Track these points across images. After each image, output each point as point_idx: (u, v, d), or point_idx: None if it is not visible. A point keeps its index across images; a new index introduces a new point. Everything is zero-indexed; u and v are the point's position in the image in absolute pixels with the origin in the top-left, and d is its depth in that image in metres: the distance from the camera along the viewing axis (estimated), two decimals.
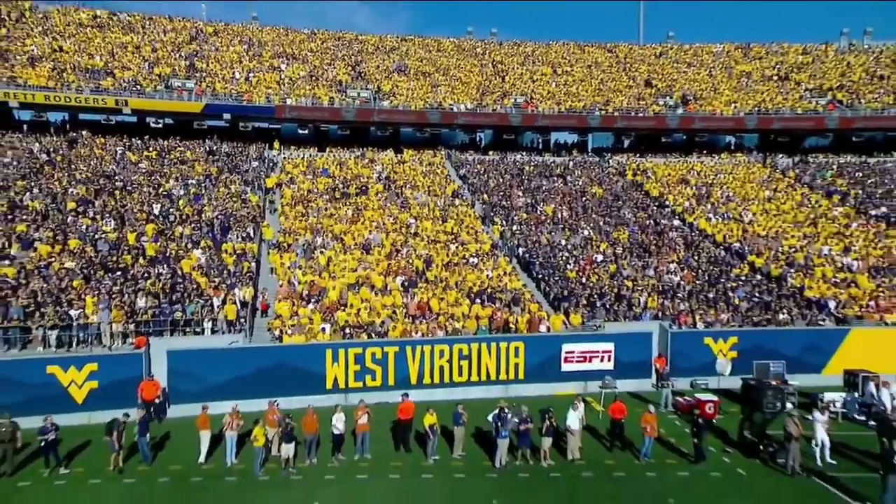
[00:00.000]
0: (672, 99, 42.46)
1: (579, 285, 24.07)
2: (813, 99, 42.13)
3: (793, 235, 29.16)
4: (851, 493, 13.02)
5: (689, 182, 36.38)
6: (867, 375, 18.01)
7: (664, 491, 13.33)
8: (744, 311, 22.97)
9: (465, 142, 42.06)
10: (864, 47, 50.62)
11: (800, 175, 37.70)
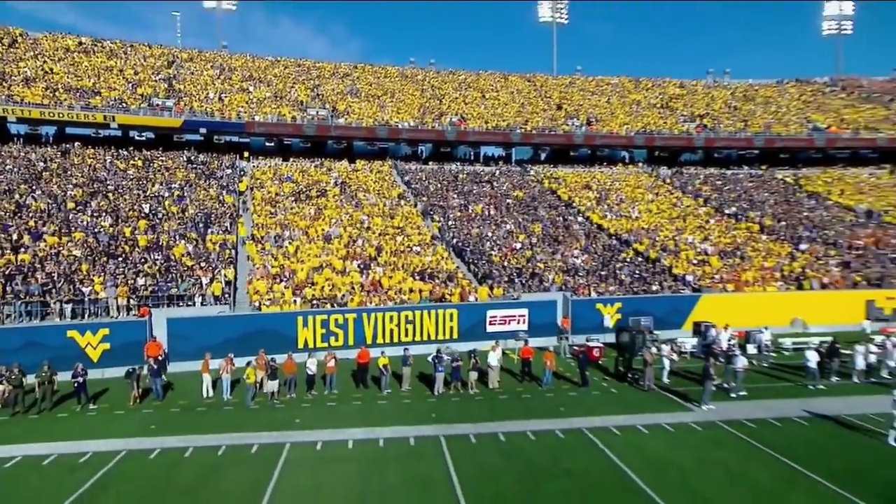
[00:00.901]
0: (578, 120, 45.84)
1: (501, 267, 26.74)
2: (686, 123, 46.50)
3: (667, 228, 32.83)
4: (683, 396, 16.17)
5: (591, 188, 39.71)
6: (709, 324, 21.43)
7: (558, 404, 16.04)
8: (627, 284, 26.20)
9: (408, 154, 43.96)
10: (724, 84, 56.01)
11: (675, 182, 41.76)
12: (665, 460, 12.24)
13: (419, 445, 13.14)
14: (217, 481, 11.34)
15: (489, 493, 10.79)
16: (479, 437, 13.62)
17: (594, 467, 11.92)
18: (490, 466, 11.96)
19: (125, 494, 10.78)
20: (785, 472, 11.66)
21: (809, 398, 16.48)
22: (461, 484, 11.10)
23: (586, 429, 14.07)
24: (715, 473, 11.63)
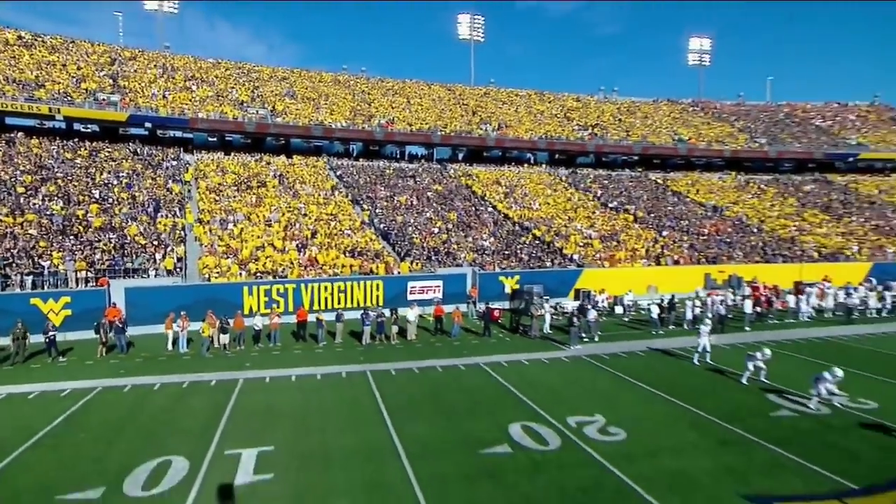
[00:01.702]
0: (491, 126, 48.85)
1: (421, 247, 29.03)
2: (581, 131, 50.70)
3: (561, 217, 36.34)
4: (559, 341, 19.18)
5: (500, 183, 42.73)
6: (587, 291, 24.78)
7: (463, 349, 18.51)
8: (525, 261, 29.24)
9: (340, 151, 45.22)
10: (612, 99, 61.07)
11: (570, 181, 45.69)
12: (538, 379, 15.01)
13: (349, 377, 15.20)
14: (184, 404, 12.90)
15: (403, 403, 13.06)
16: (397, 370, 15.86)
17: (484, 385, 14.48)
18: (405, 388, 14.23)
19: (107, 414, 12.15)
20: (621, 383, 14.73)
21: (651, 340, 19.96)
22: (383, 399, 13.30)
23: (483, 363, 16.65)
24: (572, 385, 14.50)
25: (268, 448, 10.42)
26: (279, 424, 11.63)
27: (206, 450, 10.33)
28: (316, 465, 9.72)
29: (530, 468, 9.68)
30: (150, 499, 8.60)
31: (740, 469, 9.68)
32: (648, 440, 10.90)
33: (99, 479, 9.12)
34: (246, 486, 9.03)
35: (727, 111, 61.35)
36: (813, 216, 42.21)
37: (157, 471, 9.47)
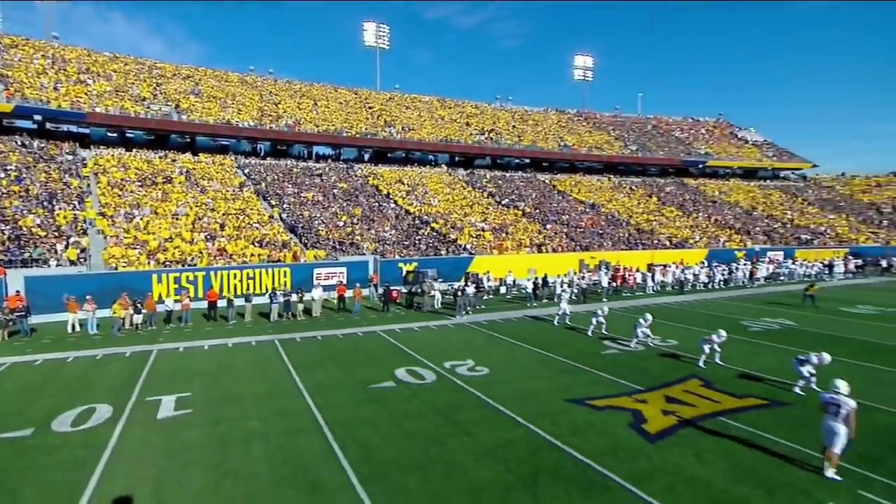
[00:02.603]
0: (395, 129, 51.04)
1: (327, 238, 30.58)
2: (478, 136, 54.32)
3: (457, 213, 39.30)
4: (448, 314, 21.75)
5: (403, 182, 45.02)
6: (475, 274, 27.69)
7: (362, 322, 20.49)
8: (423, 250, 31.71)
9: (248, 150, 45.32)
10: (507, 108, 65.65)
11: (468, 180, 49.01)
12: (424, 339, 17.43)
13: (259, 345, 16.72)
14: (101, 371, 13.82)
15: (307, 360, 14.88)
16: (302, 338, 17.59)
17: (379, 346, 16.64)
18: (309, 350, 16.04)
19: (22, 382, 12.83)
20: (494, 339, 17.51)
21: (526, 310, 23.14)
22: (289, 358, 15.03)
23: (380, 331, 18.79)
24: (452, 342, 17.02)
25: (185, 394, 11.88)
26: (195, 379, 13.04)
27: (127, 399, 11.58)
28: (230, 403, 11.37)
29: (409, 395, 12.00)
30: (79, 433, 9.84)
31: (569, 386, 12.63)
32: (506, 373, 13.64)
33: (26, 424, 10.16)
34: (169, 418, 10.52)
35: (606, 121, 68.13)
36: (669, 212, 48.72)
37: (82, 414, 10.66)
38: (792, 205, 58.07)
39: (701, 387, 12.52)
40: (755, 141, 71.23)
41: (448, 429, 10.01)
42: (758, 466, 8.52)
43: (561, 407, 11.20)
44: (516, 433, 9.84)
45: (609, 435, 9.72)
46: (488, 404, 11.36)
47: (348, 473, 8.26)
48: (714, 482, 8.01)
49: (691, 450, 9.11)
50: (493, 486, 7.88)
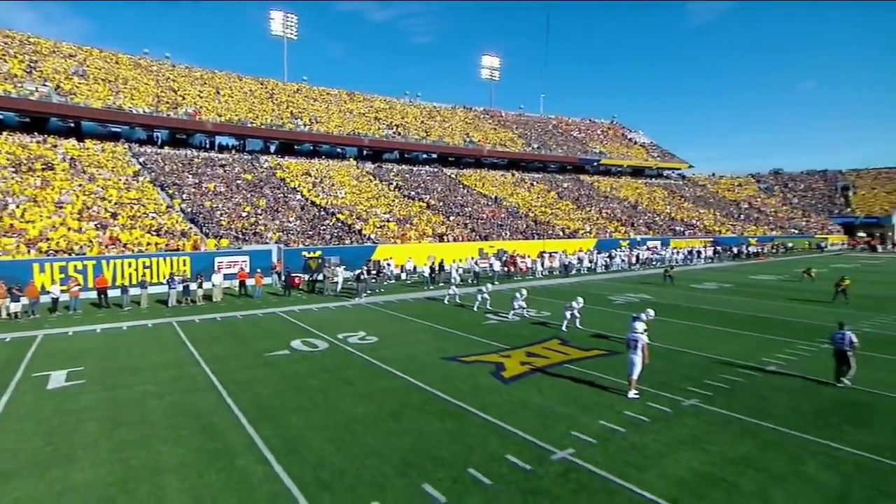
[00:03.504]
0: (302, 121, 50.94)
1: (229, 228, 30.55)
2: (386, 130, 55.53)
3: (363, 204, 40.41)
4: (348, 297, 22.99)
5: (310, 174, 45.30)
6: (377, 261, 29.07)
7: (263, 304, 21.24)
8: (328, 240, 32.58)
9: (143, 138, 43.29)
10: (416, 104, 67.40)
11: (376, 173, 50.14)
12: (322, 317, 18.62)
13: (155, 327, 17.06)
14: None
15: (205, 337, 15.58)
16: (202, 320, 18.11)
17: (277, 325, 17.60)
18: (208, 329, 16.68)
19: None
20: (388, 316, 19.08)
21: (424, 293, 24.92)
22: (187, 336, 15.63)
23: (280, 312, 19.68)
24: (348, 319, 18.32)
25: (78, 368, 12.31)
26: (87, 356, 13.39)
27: (11, 377, 11.81)
28: (125, 374, 12.00)
29: (300, 359, 13.25)
30: None
31: (447, 348, 14.46)
32: (393, 341, 15.24)
33: None
34: (60, 388, 11.01)
35: (510, 120, 71.99)
36: (565, 206, 52.95)
37: None
38: (671, 200, 64.98)
39: (559, 345, 14.89)
40: (643, 143, 78.53)
41: (333, 382, 11.43)
42: (582, 395, 10.76)
43: (436, 363, 13.00)
44: (393, 383, 11.47)
45: (471, 381, 11.62)
46: (372, 364, 12.90)
47: (239, 417, 9.45)
48: (546, 406, 10.11)
49: (535, 387, 11.22)
50: (366, 418, 9.44)
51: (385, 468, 7.62)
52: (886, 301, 22.67)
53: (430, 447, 8.28)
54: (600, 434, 8.77)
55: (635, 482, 7.20)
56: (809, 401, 10.43)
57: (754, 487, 7.12)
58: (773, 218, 67.07)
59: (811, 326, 17.27)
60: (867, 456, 8.04)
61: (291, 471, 7.48)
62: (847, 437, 8.75)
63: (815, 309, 20.84)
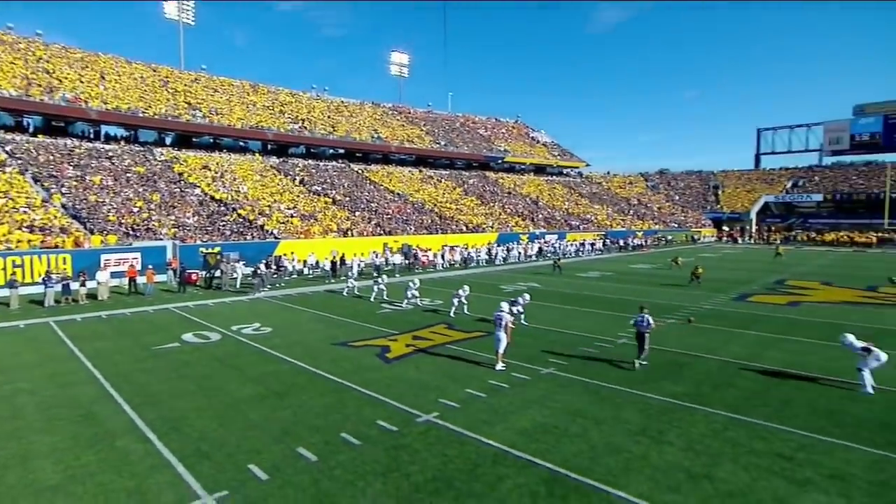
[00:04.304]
0: (201, 112, 48.77)
1: (118, 224, 29.00)
2: (292, 124, 54.60)
3: (267, 199, 39.73)
4: (245, 292, 22.96)
5: (210, 168, 43.61)
6: (278, 256, 29.00)
7: (155, 301, 20.71)
8: (228, 235, 31.88)
9: (10, 125, 39.38)
10: (323, 98, 66.66)
11: (281, 168, 49.25)
12: (218, 312, 18.61)
13: (28, 328, 16.24)
14: None
15: (88, 334, 15.17)
16: (84, 318, 17.46)
17: (168, 320, 17.41)
18: (90, 327, 16.18)
19: None
20: (283, 307, 19.42)
21: (324, 286, 25.38)
22: (66, 335, 15.11)
23: (173, 308, 19.37)
24: (242, 310, 18.49)
25: None
26: None
27: None
28: None
29: (192, 351, 13.46)
30: None
31: (338, 335, 15.23)
32: (287, 330, 15.76)
33: None
34: None
35: (419, 117, 73.22)
36: (470, 201, 55.11)
37: None
38: (570, 197, 69.56)
39: (445, 329, 16.19)
40: (545, 142, 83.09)
41: (222, 369, 11.88)
42: (456, 370, 12.05)
43: (326, 348, 13.78)
44: (281, 367, 12.12)
45: (357, 362, 12.55)
46: (264, 351, 13.43)
47: (121, 405, 9.70)
48: (421, 379, 11.27)
49: (414, 365, 12.37)
50: (251, 399, 10.08)
51: (264, 438, 8.36)
52: (729, 284, 26.44)
53: (308, 418, 9.13)
54: (464, 400, 10.05)
55: (484, 434, 8.52)
56: None
57: (579, 430, 8.69)
58: (658, 213, 73.96)
59: (665, 306, 19.98)
60: (670, 401, 9.98)
61: (172, 446, 8.01)
62: (663, 389, 10.71)
63: (673, 292, 23.92)
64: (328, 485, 6.90)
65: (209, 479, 7.00)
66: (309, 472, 7.23)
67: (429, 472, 7.25)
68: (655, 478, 7.13)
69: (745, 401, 10.07)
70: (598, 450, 7.95)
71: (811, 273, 31.87)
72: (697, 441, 8.29)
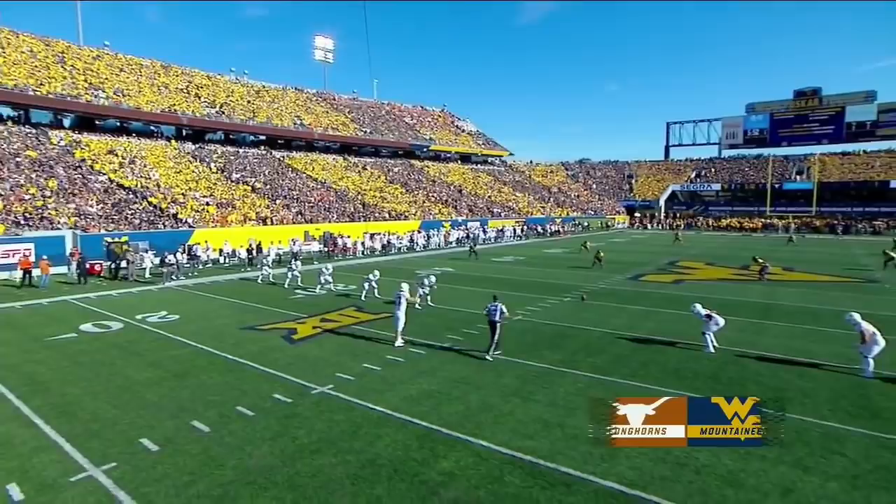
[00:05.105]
0: (105, 92, 45.70)
1: (7, 212, 27.03)
2: (209, 108, 52.39)
3: (181, 187, 38.21)
4: (153, 282, 22.39)
5: (116, 154, 41.14)
6: (192, 245, 28.24)
7: (51, 293, 19.77)
8: (137, 225, 30.54)
9: None
10: (243, 81, 64.32)
11: (197, 155, 47.30)
12: (121, 302, 18.16)
13: None
14: None
15: None
16: None
17: (65, 311, 16.82)
18: None
19: None
20: (194, 296, 19.23)
21: (240, 274, 25.12)
22: None
23: (71, 299, 18.64)
24: (150, 301, 18.13)
25: None
26: None
27: None
28: None
29: (90, 340, 13.26)
30: None
31: (247, 320, 15.44)
32: (195, 318, 15.76)
33: None
34: None
35: (344, 104, 72.34)
36: (395, 189, 55.54)
37: None
38: (493, 185, 71.61)
39: (354, 311, 16.80)
40: (470, 130, 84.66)
41: (121, 356, 11.89)
42: (358, 347, 12.74)
43: (233, 333, 14.03)
44: (184, 351, 12.30)
45: (262, 344, 12.94)
46: (168, 338, 13.48)
47: (6, 395, 9.60)
48: (323, 357, 11.87)
49: (318, 345, 12.95)
50: (148, 381, 10.28)
51: (160, 415, 8.70)
52: (628, 265, 28.81)
53: (206, 395, 9.53)
54: (360, 373, 10.80)
55: (372, 401, 9.31)
56: (531, 336, 13.74)
57: (459, 394, 9.68)
58: (577, 201, 77.79)
59: (564, 286, 21.64)
60: (546, 367, 11.22)
61: (61, 429, 8.17)
62: (543, 357, 11.96)
63: (577, 273, 25.81)
64: (218, 450, 7.43)
65: (97, 454, 7.31)
66: (200, 441, 7.71)
67: (315, 434, 7.94)
68: (516, 429, 8.21)
69: (611, 364, 11.49)
70: (472, 409, 8.96)
71: (700, 255, 35.21)
72: (561, 398, 9.50)
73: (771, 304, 18.31)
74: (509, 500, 6.26)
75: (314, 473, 6.80)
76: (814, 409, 9.00)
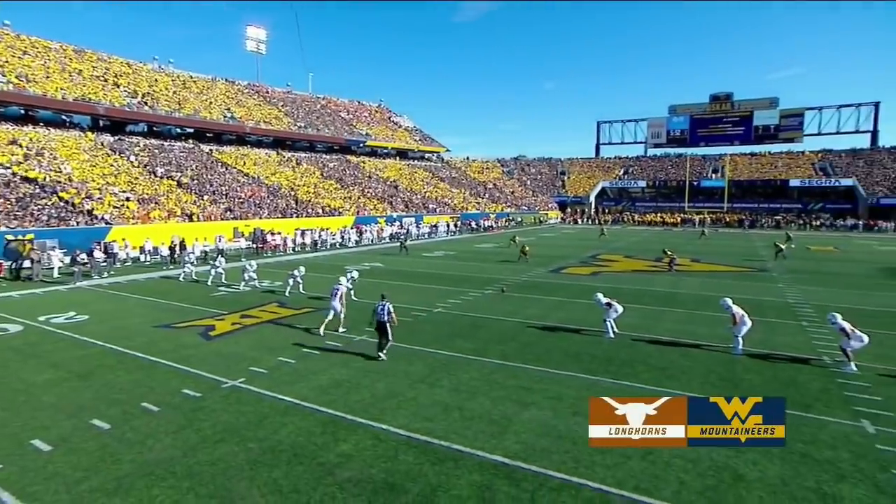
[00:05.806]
0: (5, 77, 42.32)
1: None
2: (129, 98, 49.67)
3: (97, 181, 36.13)
4: (62, 282, 21.29)
5: (20, 145, 38.29)
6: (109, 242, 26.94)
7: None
8: (45, 221, 28.71)
9: None
10: (167, 71, 61.34)
11: (117, 147, 44.79)
12: (23, 304, 17.21)
13: None
14: None
15: None
16: None
17: None
18: None
19: None
20: (108, 296, 18.50)
21: (161, 272, 24.29)
22: None
23: None
24: (59, 302, 17.31)
25: None
26: None
27: None
28: None
29: None
30: None
31: (163, 319, 15.10)
32: (106, 317, 15.23)
33: None
34: None
35: (277, 97, 70.53)
36: (329, 185, 54.95)
37: None
38: (430, 181, 72.21)
39: (276, 307, 16.80)
40: (407, 126, 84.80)
41: (16, 358, 11.42)
42: (275, 342, 12.83)
43: (146, 331, 13.74)
44: (90, 351, 11.97)
45: (176, 341, 12.79)
46: (73, 338, 13.03)
47: None
48: (238, 352, 11.90)
49: (235, 340, 12.96)
50: (47, 383, 10.00)
51: (57, 416, 8.55)
52: (552, 259, 30.17)
53: (111, 394, 9.43)
54: (273, 366, 10.97)
55: (282, 392, 9.54)
56: (448, 327, 14.33)
57: (368, 383, 10.08)
58: (511, 197, 79.81)
59: (487, 279, 22.47)
60: (456, 355, 11.82)
61: None
62: (455, 346, 12.56)
63: (502, 267, 26.78)
64: (116, 446, 7.46)
65: None
66: (98, 438, 7.70)
67: (220, 425, 8.12)
68: (417, 412, 8.72)
69: (518, 350, 12.24)
70: (378, 396, 9.39)
71: (621, 248, 37.34)
72: (465, 384, 10.10)
73: (674, 292, 19.91)
74: (400, 475, 6.75)
75: (214, 462, 7.02)
76: (688, 383, 10.09)
